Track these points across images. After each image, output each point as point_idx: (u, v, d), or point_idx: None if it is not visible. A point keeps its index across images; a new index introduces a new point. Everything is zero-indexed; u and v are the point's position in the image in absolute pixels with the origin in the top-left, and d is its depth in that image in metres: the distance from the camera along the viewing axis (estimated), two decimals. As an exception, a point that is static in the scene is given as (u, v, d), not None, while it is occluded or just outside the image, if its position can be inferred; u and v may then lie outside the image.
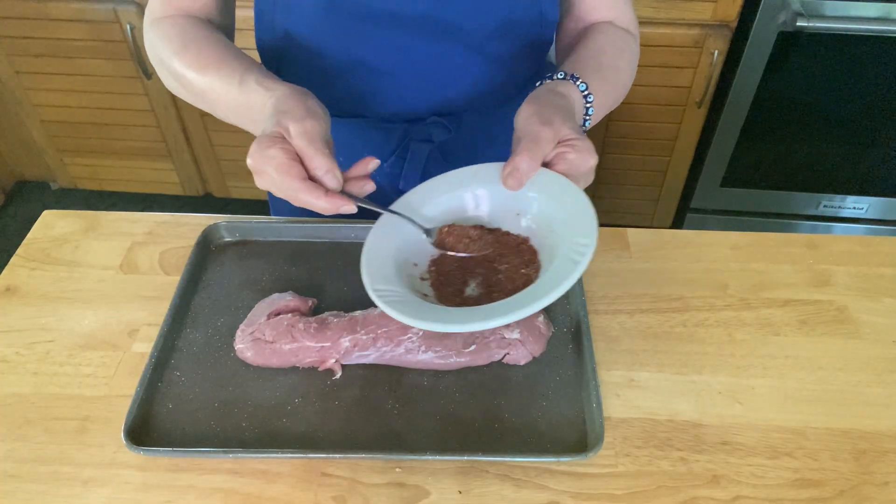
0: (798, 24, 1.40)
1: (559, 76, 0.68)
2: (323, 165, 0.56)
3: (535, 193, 0.62)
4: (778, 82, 1.56)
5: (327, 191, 0.56)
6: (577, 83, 0.67)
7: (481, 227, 0.67)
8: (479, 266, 0.64)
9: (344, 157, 0.87)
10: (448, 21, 0.72)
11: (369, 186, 0.60)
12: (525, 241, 0.65)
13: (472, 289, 0.63)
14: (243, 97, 0.64)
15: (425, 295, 0.62)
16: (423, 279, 0.64)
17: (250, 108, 0.64)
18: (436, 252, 0.66)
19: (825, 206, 1.81)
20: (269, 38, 0.77)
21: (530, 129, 0.59)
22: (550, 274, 0.57)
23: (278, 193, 0.57)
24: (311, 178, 0.57)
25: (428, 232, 0.65)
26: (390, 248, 0.63)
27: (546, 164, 0.61)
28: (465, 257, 0.65)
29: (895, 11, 1.41)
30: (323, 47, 0.75)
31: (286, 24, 0.74)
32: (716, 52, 1.54)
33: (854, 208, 1.81)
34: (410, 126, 0.82)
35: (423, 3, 0.70)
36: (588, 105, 0.67)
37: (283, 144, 0.56)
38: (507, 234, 0.66)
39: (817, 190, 1.78)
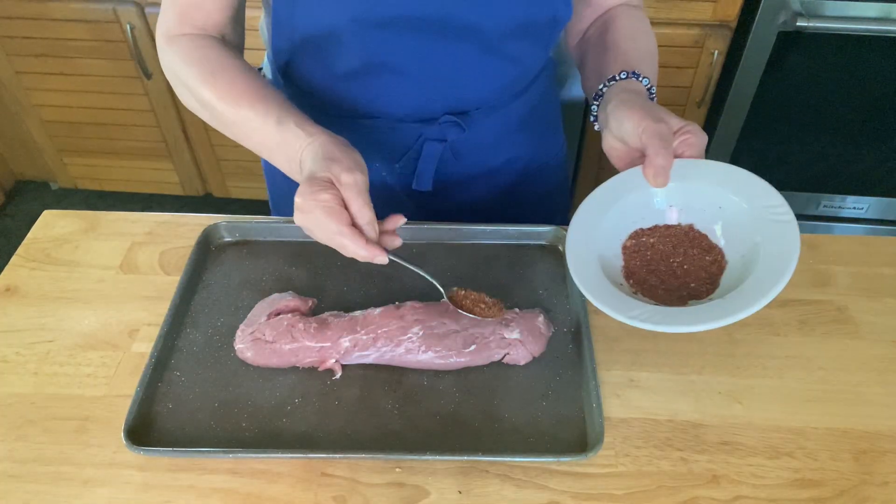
0: (798, 24, 1.40)
1: (622, 76, 0.73)
2: (366, 217, 0.61)
3: (690, 182, 0.66)
4: (778, 82, 1.56)
5: (367, 240, 0.61)
6: (641, 79, 0.73)
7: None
8: (662, 267, 0.66)
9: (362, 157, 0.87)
10: (466, 22, 0.73)
11: (397, 242, 0.66)
12: (691, 228, 0.67)
13: (662, 287, 0.65)
14: (280, 136, 0.68)
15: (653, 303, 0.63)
16: (634, 292, 0.65)
17: (286, 148, 0.68)
18: (623, 265, 0.67)
19: (825, 206, 1.81)
20: (286, 44, 0.77)
21: (652, 130, 0.64)
22: (770, 243, 0.60)
23: (319, 232, 0.62)
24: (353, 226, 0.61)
25: (444, 291, 0.68)
26: (601, 279, 0.64)
27: (675, 155, 0.65)
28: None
29: (895, 11, 1.41)
30: (341, 52, 0.76)
31: (305, 30, 0.75)
32: (716, 52, 1.54)
33: (854, 208, 1.81)
34: (424, 126, 0.83)
35: (443, 6, 0.71)
36: (653, 96, 0.74)
37: (333, 191, 0.61)
38: (667, 227, 0.68)
39: (817, 190, 1.78)
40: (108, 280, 0.78)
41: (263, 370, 0.67)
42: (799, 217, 2.01)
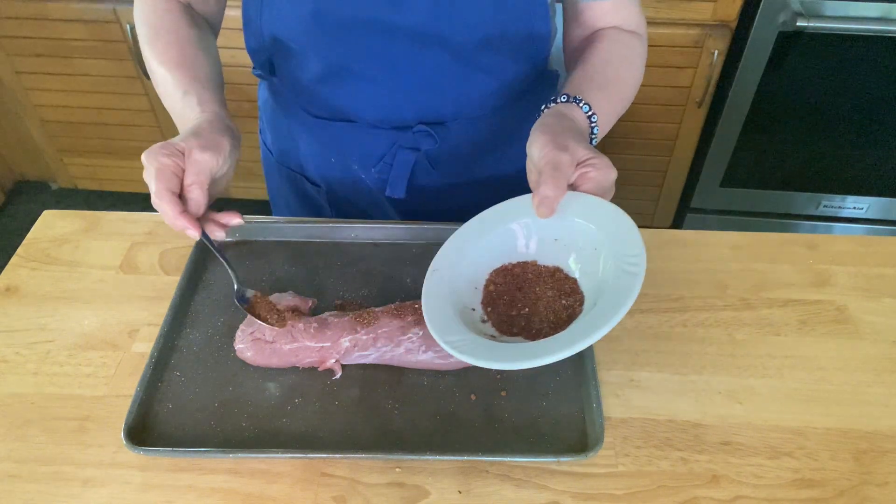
0: (798, 24, 1.40)
1: (562, 99, 0.69)
2: (193, 193, 0.64)
3: (573, 218, 0.64)
4: (778, 82, 1.56)
5: (183, 210, 0.63)
6: (581, 105, 0.68)
7: (521, 273, 0.68)
8: (522, 302, 0.66)
9: (335, 159, 0.87)
10: (437, 32, 0.72)
11: (220, 234, 0.69)
12: (558, 270, 0.66)
13: (521, 320, 0.64)
14: (181, 106, 0.71)
15: (492, 336, 0.63)
16: (483, 321, 0.65)
17: (184, 119, 0.70)
18: (483, 294, 0.67)
19: (825, 206, 1.81)
20: (258, 44, 0.78)
21: (549, 158, 0.61)
22: (610, 294, 0.58)
23: (151, 191, 0.64)
24: (181, 196, 0.64)
25: (241, 297, 0.69)
26: (446, 301, 0.64)
27: (571, 187, 0.63)
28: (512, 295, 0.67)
29: (895, 11, 1.41)
30: (310, 53, 0.76)
31: (273, 30, 0.75)
32: (716, 52, 1.54)
33: (854, 208, 1.81)
34: (397, 133, 0.82)
35: (412, 15, 0.71)
36: (593, 124, 0.69)
37: (176, 157, 0.64)
38: (538, 266, 0.67)
39: (817, 190, 1.78)
40: (108, 280, 0.78)
41: (263, 370, 0.67)
42: (799, 217, 2.01)
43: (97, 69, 1.75)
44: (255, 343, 0.67)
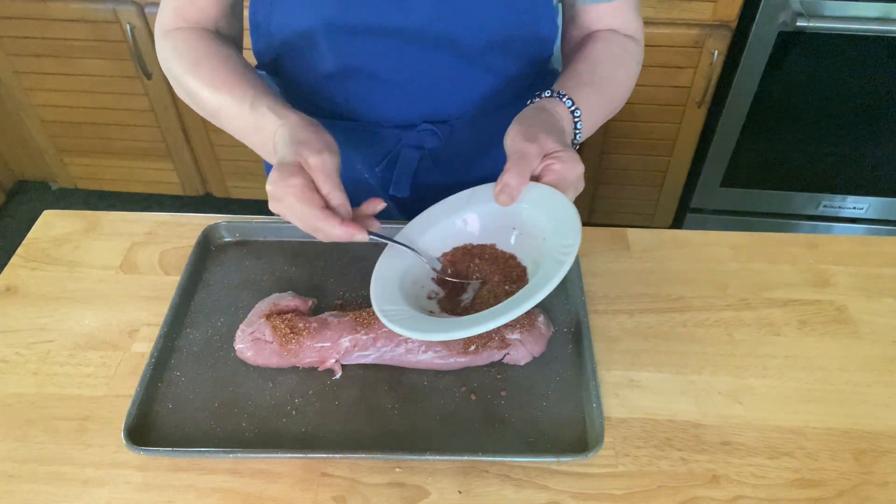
0: (798, 24, 1.40)
1: (546, 94, 0.70)
2: (338, 198, 0.60)
3: (525, 205, 0.65)
4: (778, 82, 1.56)
5: (342, 220, 0.60)
6: (564, 99, 0.69)
7: (479, 254, 0.70)
8: (473, 285, 0.68)
9: (342, 157, 0.87)
10: (443, 34, 0.73)
11: (375, 225, 0.64)
12: (512, 257, 0.68)
13: (467, 300, 0.66)
14: (254, 120, 0.67)
15: (431, 312, 0.64)
16: (429, 298, 0.67)
17: (260, 131, 0.67)
18: (438, 271, 0.69)
19: (825, 206, 1.81)
20: (265, 46, 0.78)
21: (516, 147, 0.62)
22: (538, 278, 0.59)
23: (294, 219, 0.60)
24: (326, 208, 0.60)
25: (435, 264, 0.69)
26: (396, 273, 0.66)
27: (535, 178, 0.64)
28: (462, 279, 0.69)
29: (895, 11, 1.41)
30: (318, 56, 0.76)
31: (282, 34, 0.75)
32: (716, 52, 1.54)
33: (854, 208, 1.81)
34: (402, 132, 0.83)
35: (419, 17, 0.71)
36: (576, 119, 0.69)
37: (303, 175, 0.59)
38: (496, 250, 0.69)
39: (817, 190, 1.78)
40: (108, 280, 0.78)
41: (263, 370, 0.67)
42: (799, 217, 2.00)
43: (97, 69, 1.75)
44: (255, 343, 0.67)
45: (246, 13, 0.76)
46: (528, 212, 0.65)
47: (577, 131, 0.70)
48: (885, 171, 1.72)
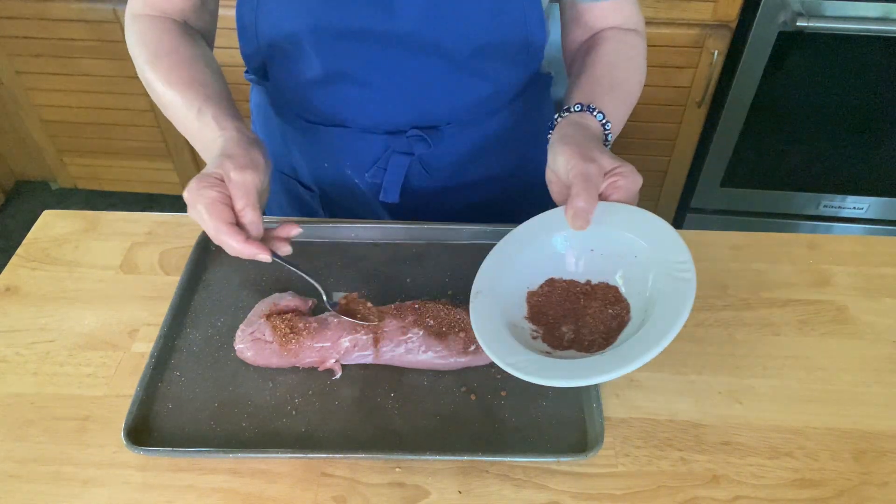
0: (798, 24, 1.40)
1: (576, 108, 0.70)
2: (249, 216, 0.61)
3: (604, 226, 0.63)
4: (778, 82, 1.56)
5: (247, 237, 0.61)
6: (595, 113, 0.69)
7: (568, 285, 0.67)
8: (569, 315, 0.65)
9: (329, 164, 0.87)
10: (431, 39, 0.72)
11: (286, 249, 0.66)
12: (606, 284, 0.66)
13: (569, 333, 0.64)
14: (197, 126, 0.69)
15: (548, 352, 0.62)
16: (533, 338, 0.64)
17: (202, 138, 0.69)
18: (528, 310, 0.66)
19: (825, 206, 1.81)
20: (253, 49, 0.79)
21: (579, 169, 0.61)
22: (664, 300, 0.58)
23: (204, 228, 0.61)
24: (238, 223, 0.61)
25: (331, 302, 0.69)
26: (497, 322, 0.63)
27: (602, 197, 0.63)
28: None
29: (895, 11, 1.41)
30: (305, 61, 0.76)
31: (269, 37, 0.75)
32: (716, 52, 1.54)
33: (854, 208, 1.81)
34: (391, 138, 0.82)
35: (406, 22, 0.71)
36: (607, 133, 0.70)
37: (219, 188, 0.61)
38: (574, 282, 0.67)
39: (817, 190, 1.78)
40: (108, 280, 0.78)
41: (263, 370, 0.67)
42: (799, 217, 2.01)
43: (97, 69, 1.75)
44: (255, 343, 0.67)
45: (233, 13, 0.76)
46: (609, 232, 0.64)
47: (607, 143, 0.70)
48: (885, 171, 1.72)
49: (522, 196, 0.89)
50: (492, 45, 0.75)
